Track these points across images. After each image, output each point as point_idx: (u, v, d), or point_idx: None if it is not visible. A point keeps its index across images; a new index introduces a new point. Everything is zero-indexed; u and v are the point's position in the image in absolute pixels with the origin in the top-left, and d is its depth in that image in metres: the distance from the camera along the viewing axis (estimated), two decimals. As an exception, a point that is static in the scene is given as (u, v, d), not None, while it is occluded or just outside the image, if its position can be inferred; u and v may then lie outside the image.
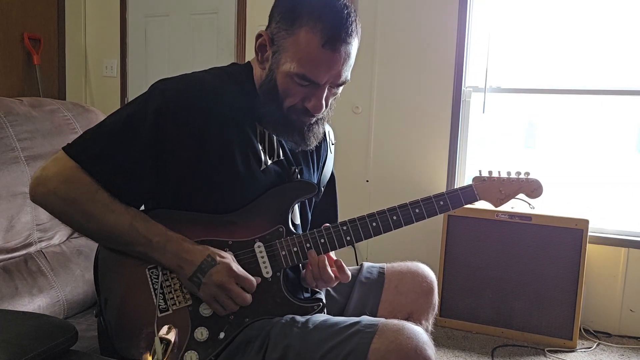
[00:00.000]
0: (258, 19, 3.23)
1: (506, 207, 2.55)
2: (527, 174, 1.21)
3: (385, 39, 2.93)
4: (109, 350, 1.06)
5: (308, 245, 1.12)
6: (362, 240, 1.14)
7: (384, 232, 1.15)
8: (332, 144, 1.33)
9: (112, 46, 3.68)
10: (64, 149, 1.04)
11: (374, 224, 1.14)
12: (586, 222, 2.39)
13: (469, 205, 2.79)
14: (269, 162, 1.13)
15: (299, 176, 1.19)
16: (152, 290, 1.05)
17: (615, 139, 2.75)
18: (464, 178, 2.89)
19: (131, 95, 3.66)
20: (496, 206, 1.21)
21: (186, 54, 3.48)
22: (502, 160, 3.00)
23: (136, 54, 3.65)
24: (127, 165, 1.03)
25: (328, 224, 1.14)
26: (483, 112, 2.79)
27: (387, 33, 2.93)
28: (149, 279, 1.05)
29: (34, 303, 1.32)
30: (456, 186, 2.84)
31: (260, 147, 1.12)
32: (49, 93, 3.49)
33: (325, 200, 1.33)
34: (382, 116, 2.97)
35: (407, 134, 2.92)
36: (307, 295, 1.23)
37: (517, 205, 2.68)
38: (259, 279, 1.08)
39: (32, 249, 1.41)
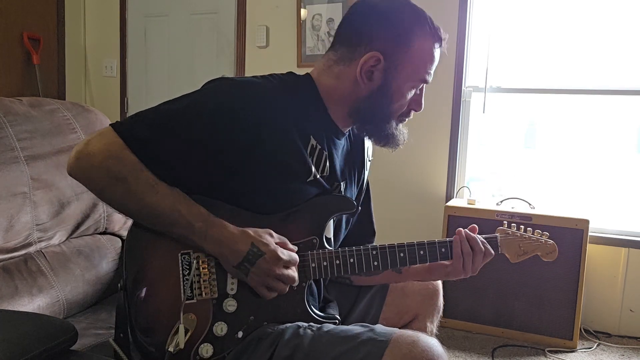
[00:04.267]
0: (258, 19, 3.23)
1: (506, 206, 2.56)
2: (547, 235, 1.27)
3: (385, 39, 2.93)
4: (125, 326, 1.06)
5: (337, 262, 1.12)
6: (387, 268, 1.16)
7: (410, 265, 1.18)
8: (369, 161, 1.33)
9: (112, 46, 3.68)
10: (111, 125, 1.02)
11: (402, 255, 1.16)
12: (586, 222, 2.38)
13: (469, 205, 2.77)
14: (317, 175, 1.13)
15: (342, 191, 1.20)
16: (180, 276, 1.04)
17: (616, 139, 2.75)
18: (464, 178, 2.89)
19: (131, 96, 3.67)
20: (513, 261, 1.25)
21: (186, 54, 3.48)
22: (502, 160, 3.00)
23: (136, 54, 3.65)
24: (173, 156, 1.02)
25: (360, 246, 1.15)
26: (483, 112, 2.79)
27: (387, 33, 2.93)
28: (180, 264, 1.05)
29: (33, 303, 1.32)
30: (456, 186, 2.86)
31: (310, 160, 1.11)
32: (48, 93, 3.49)
33: (361, 218, 1.33)
34: (382, 116, 2.96)
35: (407, 134, 2.91)
36: (321, 305, 1.24)
37: (517, 205, 2.67)
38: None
39: (31, 249, 1.41)
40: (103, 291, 1.51)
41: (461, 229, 1.20)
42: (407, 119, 1.20)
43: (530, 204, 2.57)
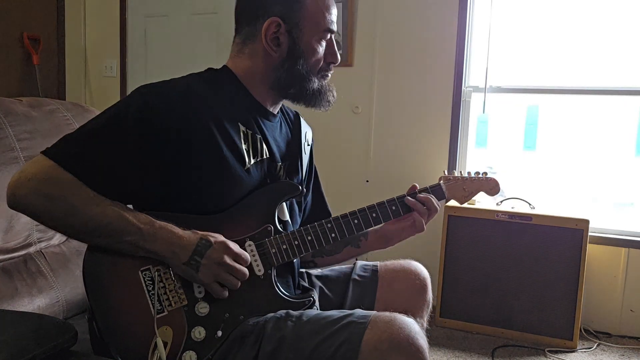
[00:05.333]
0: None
1: (506, 206, 2.56)
2: (485, 173, 1.33)
3: (386, 39, 2.93)
4: (104, 355, 1.05)
5: (296, 242, 1.15)
6: (345, 236, 1.20)
7: (365, 229, 1.22)
8: (308, 145, 1.34)
9: (112, 46, 3.68)
10: (42, 152, 1.02)
11: (356, 221, 1.20)
12: (586, 222, 2.38)
13: (468, 205, 2.77)
14: (253, 161, 1.14)
15: (284, 173, 1.22)
16: (146, 292, 1.04)
17: (617, 139, 2.74)
18: (464, 178, 2.88)
19: (131, 96, 3.66)
20: (461, 203, 1.33)
21: (186, 54, 3.48)
22: (502, 160, 3.00)
23: (136, 54, 3.65)
24: (108, 166, 1.02)
25: (315, 223, 1.18)
26: (483, 112, 2.79)
27: (387, 33, 2.93)
28: (142, 281, 1.05)
29: (33, 303, 1.32)
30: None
31: (244, 147, 1.13)
32: (48, 93, 3.49)
33: (314, 201, 1.38)
34: (382, 116, 2.97)
35: (407, 134, 2.92)
36: (298, 292, 1.26)
37: (517, 205, 2.68)
38: (248, 259, 1.09)
39: (31, 250, 1.41)
40: (103, 291, 1.51)
41: (409, 197, 1.25)
42: (329, 74, 1.22)
43: (530, 204, 2.56)
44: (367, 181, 3.01)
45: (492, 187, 1.32)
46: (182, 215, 1.08)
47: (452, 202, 2.67)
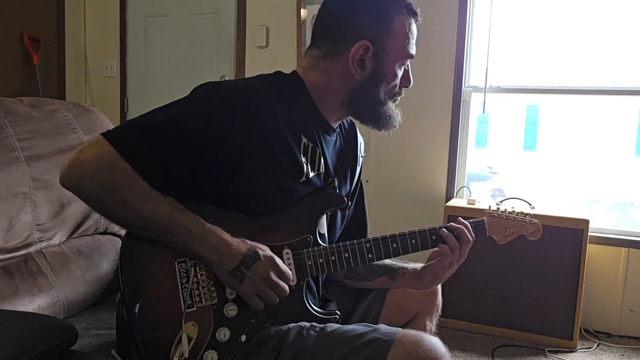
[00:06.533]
0: (258, 19, 3.23)
1: (506, 207, 2.56)
2: (530, 215, 1.30)
3: (385, 39, 2.93)
4: (127, 339, 1.05)
5: (333, 257, 1.13)
6: (382, 259, 1.18)
7: (403, 254, 1.19)
8: (362, 157, 1.33)
9: (112, 46, 3.68)
10: (103, 134, 1.01)
11: (394, 245, 1.18)
12: (586, 222, 2.38)
13: (469, 205, 2.77)
14: (311, 174, 1.13)
15: (335, 187, 1.20)
16: (179, 284, 1.04)
17: (617, 139, 2.74)
18: (464, 178, 2.89)
19: (131, 96, 3.67)
20: (501, 242, 1.29)
21: (186, 54, 3.48)
22: (502, 160, 3.00)
23: (136, 54, 3.65)
24: (165, 164, 1.01)
25: (354, 240, 1.16)
26: (483, 112, 2.79)
27: (387, 33, 2.93)
28: (177, 273, 1.04)
29: (34, 303, 1.32)
30: (456, 186, 2.86)
31: (303, 159, 1.11)
32: (48, 93, 3.49)
33: (355, 214, 1.34)
34: (382, 116, 2.96)
35: (407, 134, 2.92)
36: (320, 302, 1.24)
37: (517, 205, 2.68)
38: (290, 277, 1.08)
39: (32, 249, 1.41)
40: (103, 291, 1.51)
41: (444, 228, 1.22)
42: (399, 98, 1.21)
43: (530, 204, 2.56)
44: (367, 181, 3.01)
45: (533, 231, 1.28)
46: (229, 213, 1.07)
47: (452, 202, 2.67)
